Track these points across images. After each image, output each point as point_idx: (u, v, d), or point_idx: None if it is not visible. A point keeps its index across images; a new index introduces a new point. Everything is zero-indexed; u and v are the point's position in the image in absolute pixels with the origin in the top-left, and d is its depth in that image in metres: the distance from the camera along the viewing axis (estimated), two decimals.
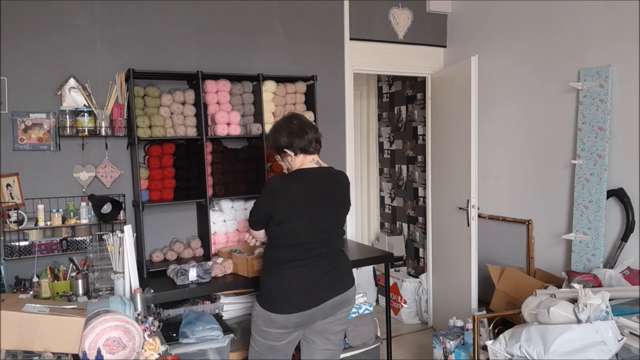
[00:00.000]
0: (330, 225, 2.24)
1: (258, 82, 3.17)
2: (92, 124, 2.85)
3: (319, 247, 2.19)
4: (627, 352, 2.12)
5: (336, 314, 2.26)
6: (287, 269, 2.16)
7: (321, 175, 2.27)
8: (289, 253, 2.17)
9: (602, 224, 2.90)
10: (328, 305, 2.19)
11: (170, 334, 2.59)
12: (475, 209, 3.54)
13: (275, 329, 2.16)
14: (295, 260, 2.15)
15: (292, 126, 2.23)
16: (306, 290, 2.15)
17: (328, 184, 2.28)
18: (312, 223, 2.18)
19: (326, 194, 2.24)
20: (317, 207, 2.19)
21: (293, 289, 2.15)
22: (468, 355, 2.93)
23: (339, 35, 3.74)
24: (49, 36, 2.84)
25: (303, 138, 2.21)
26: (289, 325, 2.15)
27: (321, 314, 2.20)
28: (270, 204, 2.18)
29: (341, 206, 2.32)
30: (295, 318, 2.14)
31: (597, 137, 2.92)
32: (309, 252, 2.16)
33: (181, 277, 2.63)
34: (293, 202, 2.16)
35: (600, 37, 2.95)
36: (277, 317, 2.13)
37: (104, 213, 2.85)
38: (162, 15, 3.13)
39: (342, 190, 2.33)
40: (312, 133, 2.25)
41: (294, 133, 2.21)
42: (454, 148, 3.76)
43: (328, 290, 2.19)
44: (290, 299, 2.14)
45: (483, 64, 3.65)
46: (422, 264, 4.63)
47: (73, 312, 1.73)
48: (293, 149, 2.22)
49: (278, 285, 2.17)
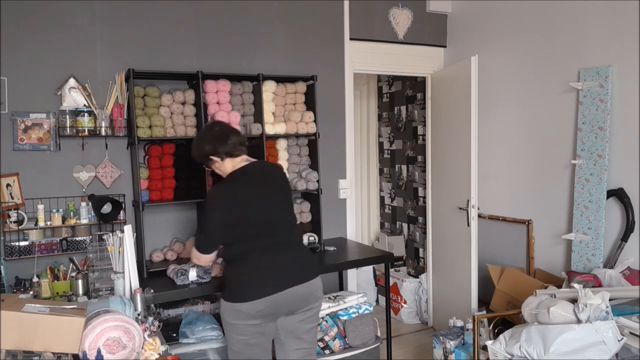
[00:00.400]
0: (278, 215, 2.30)
1: (258, 82, 3.17)
2: (92, 124, 2.85)
3: (273, 237, 2.24)
4: (627, 352, 2.12)
5: (304, 310, 2.29)
6: (245, 260, 2.21)
7: (255, 169, 2.35)
8: (244, 247, 2.22)
9: (602, 224, 2.90)
10: (291, 294, 2.20)
11: (170, 334, 2.59)
12: (475, 209, 3.54)
13: (243, 320, 2.18)
14: (251, 251, 2.21)
15: (214, 133, 2.31)
16: (265, 277, 2.19)
17: (265, 175, 2.36)
18: (260, 216, 2.23)
19: (266, 184, 2.32)
20: (261, 200, 2.25)
21: (252, 277, 2.20)
22: (468, 355, 2.93)
23: (339, 35, 3.74)
24: (49, 36, 2.84)
25: (226, 143, 2.27)
26: (254, 314, 2.17)
27: (286, 305, 2.21)
28: (221, 214, 2.20)
29: (284, 194, 2.37)
30: (259, 305, 2.16)
31: (597, 137, 2.92)
32: (263, 243, 2.22)
33: (181, 277, 2.63)
34: (237, 203, 2.21)
35: (600, 37, 2.95)
36: (240, 306, 2.16)
37: (104, 213, 2.85)
38: (162, 15, 3.13)
39: (280, 179, 2.40)
40: (235, 137, 2.31)
41: (217, 139, 2.27)
42: (454, 148, 3.76)
43: (289, 279, 2.22)
44: (251, 286, 2.18)
45: (483, 64, 3.65)
46: (422, 264, 4.63)
47: (73, 312, 1.73)
48: (219, 155, 2.28)
49: (238, 276, 2.23)
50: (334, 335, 2.89)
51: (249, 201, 2.22)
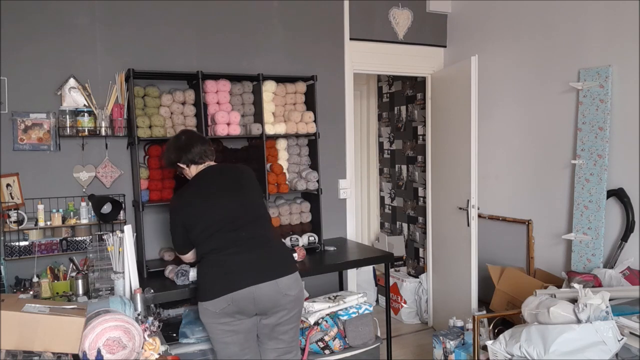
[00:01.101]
0: (238, 212, 2.32)
1: (258, 82, 3.17)
2: (92, 124, 2.85)
3: (233, 235, 2.27)
4: (627, 352, 2.12)
5: (278, 311, 2.28)
6: (207, 259, 2.28)
7: (215, 171, 2.44)
8: (209, 246, 2.28)
9: (602, 224, 2.90)
10: (254, 292, 2.19)
11: (170, 334, 2.59)
12: (475, 209, 3.54)
13: (212, 318, 2.23)
14: (211, 251, 2.27)
15: (179, 142, 2.45)
16: (227, 274, 2.22)
17: (223, 176, 2.43)
18: (217, 215, 2.29)
19: (224, 184, 2.38)
20: (217, 199, 2.31)
21: (213, 275, 2.24)
22: (468, 355, 2.93)
23: (339, 35, 3.74)
24: (49, 36, 2.84)
25: (190, 151, 2.40)
26: (219, 312, 2.20)
27: (250, 303, 2.21)
28: (179, 219, 2.35)
29: (247, 192, 2.41)
30: (221, 303, 2.19)
31: (597, 137, 2.92)
32: (223, 242, 2.26)
33: (182, 278, 2.63)
34: (192, 205, 2.32)
35: (600, 37, 2.95)
36: (207, 305, 2.22)
37: (104, 213, 2.85)
38: (162, 15, 3.13)
39: (242, 178, 2.44)
40: (200, 146, 2.43)
41: (182, 148, 2.42)
42: (454, 148, 3.76)
43: (251, 276, 2.21)
44: (212, 284, 2.22)
45: (483, 64, 3.65)
46: (422, 264, 4.63)
47: (73, 312, 1.73)
48: (184, 162, 2.43)
49: (202, 275, 2.29)
50: (334, 335, 2.89)
51: (204, 202, 2.31)
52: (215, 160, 3.10)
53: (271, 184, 3.20)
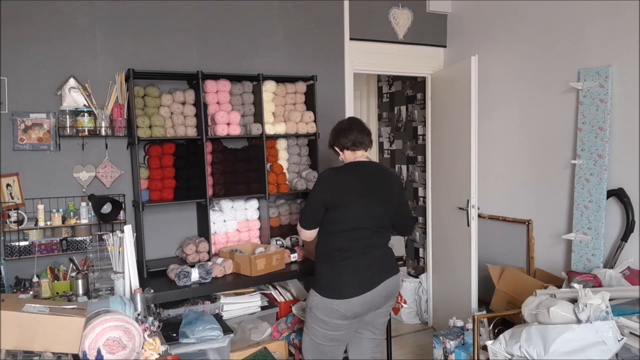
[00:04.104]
0: (379, 215, 2.36)
1: (258, 82, 3.17)
2: (92, 124, 2.85)
3: (370, 236, 2.32)
4: (627, 352, 2.12)
5: (383, 305, 2.41)
6: (343, 257, 2.29)
7: (370, 167, 2.44)
8: (342, 242, 2.31)
9: (602, 224, 2.90)
10: (380, 290, 2.32)
11: (170, 334, 2.59)
12: (475, 209, 3.54)
13: (335, 318, 2.29)
14: (349, 249, 2.30)
15: (342, 125, 2.49)
16: (361, 276, 2.28)
17: (377, 176, 2.43)
18: (363, 210, 2.31)
19: (376, 185, 2.39)
20: (367, 197, 2.33)
21: (349, 276, 2.28)
22: (468, 355, 2.93)
23: (339, 35, 3.74)
24: (49, 36, 2.84)
25: (347, 137, 2.42)
26: (349, 315, 2.28)
27: (375, 302, 2.33)
28: (323, 192, 2.33)
29: (390, 199, 2.42)
30: (356, 307, 2.26)
31: (597, 137, 2.92)
32: (360, 240, 2.31)
33: (184, 280, 2.63)
34: (345, 189, 2.32)
35: (600, 37, 2.95)
36: (338, 305, 2.26)
37: (104, 213, 2.85)
38: (162, 15, 3.13)
39: (390, 184, 2.45)
40: (356, 134, 2.43)
41: (340, 132, 2.46)
42: (454, 148, 3.76)
43: (379, 275, 2.33)
44: (347, 286, 2.27)
45: (483, 64, 3.65)
46: (422, 264, 4.63)
47: (73, 312, 1.73)
48: (340, 146, 2.45)
49: (336, 274, 2.30)
50: None
51: (352, 191, 2.32)
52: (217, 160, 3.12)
53: (271, 184, 3.20)
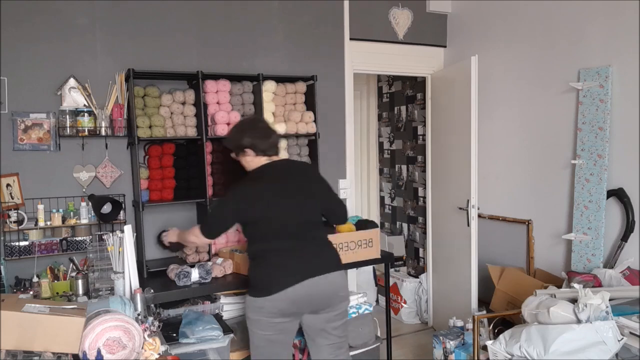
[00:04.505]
0: (303, 211, 2.33)
1: (258, 82, 3.17)
2: (92, 124, 2.85)
3: (295, 235, 2.28)
4: (627, 352, 2.12)
5: (328, 312, 2.32)
6: (268, 258, 2.27)
7: (283, 165, 2.42)
8: (268, 242, 2.28)
9: (602, 224, 2.90)
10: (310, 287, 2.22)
11: (170, 334, 2.59)
12: (475, 209, 3.54)
13: (264, 316, 2.23)
14: (274, 249, 2.26)
15: (257, 129, 2.38)
16: (285, 273, 2.22)
17: (293, 173, 2.40)
18: (284, 211, 2.28)
19: (293, 182, 2.35)
20: (285, 196, 2.30)
21: (274, 272, 2.24)
22: (468, 355, 2.93)
23: (339, 35, 3.74)
24: (49, 36, 2.84)
25: (266, 141, 2.35)
26: (275, 312, 2.21)
27: (306, 301, 2.24)
28: (238, 205, 2.28)
29: (311, 192, 2.39)
30: (281, 303, 2.20)
31: (597, 137, 2.92)
32: (286, 240, 2.27)
33: (184, 280, 2.63)
34: (261, 194, 2.28)
35: (600, 37, 2.95)
36: (263, 303, 2.21)
37: (104, 213, 2.85)
38: (162, 15, 3.13)
39: (308, 178, 2.42)
40: (276, 138, 2.42)
41: (258, 135, 2.35)
42: (454, 148, 3.76)
43: (308, 271, 2.24)
44: (271, 281, 2.21)
45: (483, 64, 3.65)
46: (422, 264, 4.63)
47: (73, 312, 1.73)
48: (254, 150, 2.35)
49: (261, 271, 2.28)
50: None
51: (269, 199, 2.28)
52: (217, 160, 3.12)
53: None
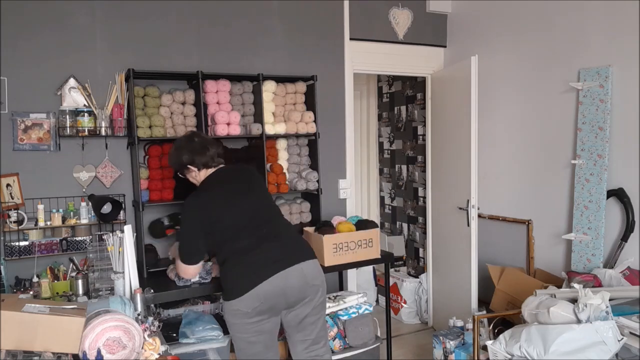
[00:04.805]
0: (255, 211, 2.36)
1: (258, 82, 3.17)
2: (92, 124, 2.85)
3: (254, 233, 2.29)
4: (627, 352, 2.12)
5: (304, 303, 2.31)
6: (232, 260, 2.28)
7: (228, 172, 2.47)
8: (232, 247, 2.28)
9: (602, 224, 2.90)
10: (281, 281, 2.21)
11: (170, 334, 2.59)
12: (475, 209, 3.54)
13: (240, 318, 2.23)
14: (238, 251, 2.27)
15: (193, 145, 2.42)
16: (254, 270, 2.22)
17: (238, 176, 2.46)
18: (236, 216, 2.31)
19: (241, 185, 2.41)
20: (233, 201, 2.34)
21: (241, 273, 2.24)
22: (468, 355, 2.93)
23: (339, 35, 3.74)
24: (49, 36, 2.84)
25: (205, 155, 2.40)
26: (250, 312, 2.20)
27: (280, 295, 2.22)
28: (199, 222, 2.30)
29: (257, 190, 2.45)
30: (253, 302, 2.19)
31: (597, 137, 2.92)
32: (252, 239, 2.28)
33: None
34: (217, 205, 2.32)
35: (600, 37, 2.95)
36: (237, 305, 2.21)
37: (104, 213, 2.85)
38: (162, 15, 3.13)
39: (250, 178, 2.47)
40: (214, 149, 2.44)
41: (196, 151, 2.40)
42: (454, 148, 3.76)
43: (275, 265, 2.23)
44: (241, 282, 2.22)
45: (483, 63, 3.65)
46: (422, 264, 4.63)
47: (73, 312, 1.73)
48: (196, 165, 2.41)
49: (230, 274, 2.28)
50: (334, 335, 2.89)
51: (225, 203, 2.32)
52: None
53: (271, 184, 3.20)
